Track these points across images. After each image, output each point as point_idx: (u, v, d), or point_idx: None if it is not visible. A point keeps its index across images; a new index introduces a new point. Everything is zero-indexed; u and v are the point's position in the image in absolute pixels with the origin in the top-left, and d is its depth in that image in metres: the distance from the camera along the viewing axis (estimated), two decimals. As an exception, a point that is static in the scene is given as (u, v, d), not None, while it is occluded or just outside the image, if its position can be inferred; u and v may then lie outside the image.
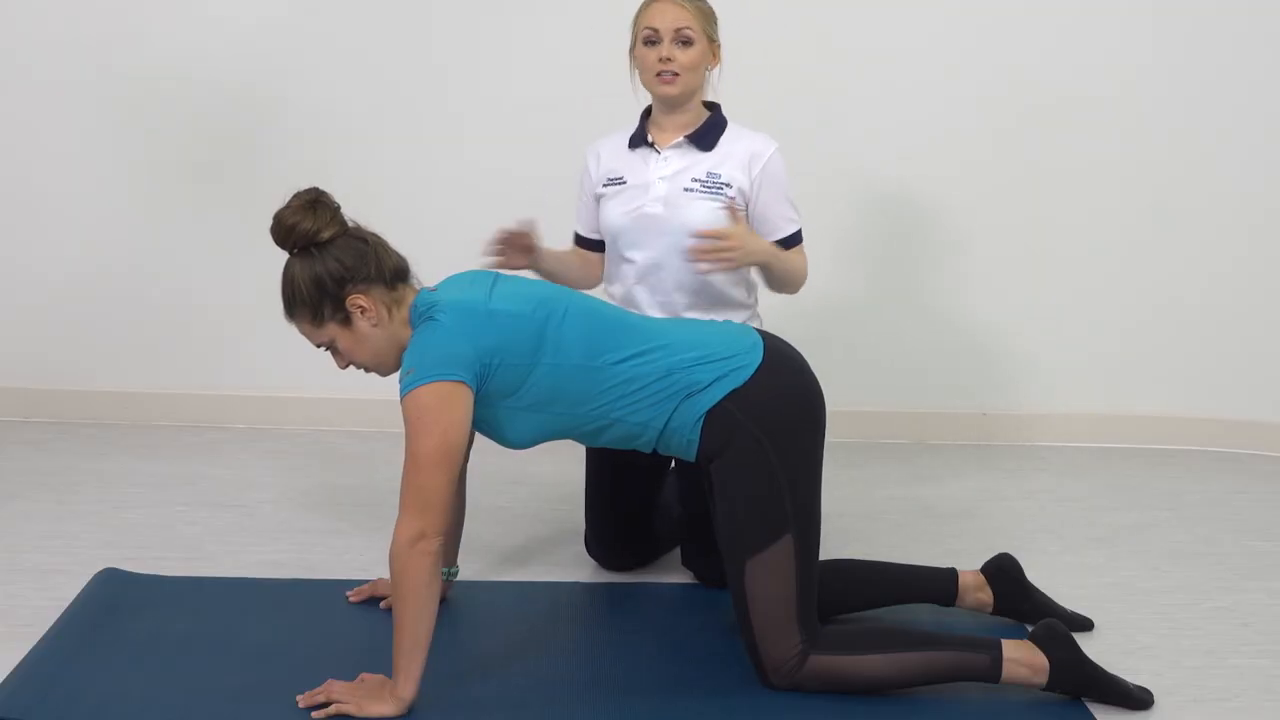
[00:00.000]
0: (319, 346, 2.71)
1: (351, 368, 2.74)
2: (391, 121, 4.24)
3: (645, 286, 3.15)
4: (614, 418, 2.69)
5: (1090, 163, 4.26)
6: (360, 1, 4.19)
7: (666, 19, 3.06)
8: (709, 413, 2.67)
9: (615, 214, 3.16)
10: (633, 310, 3.11)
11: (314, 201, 2.63)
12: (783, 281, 3.15)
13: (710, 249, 2.91)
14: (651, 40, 3.07)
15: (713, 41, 3.12)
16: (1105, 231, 4.31)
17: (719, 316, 3.11)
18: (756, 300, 3.25)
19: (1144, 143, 4.24)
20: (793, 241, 3.17)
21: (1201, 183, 4.27)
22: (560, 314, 2.67)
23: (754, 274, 3.20)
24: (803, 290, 3.22)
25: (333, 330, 2.65)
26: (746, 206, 3.13)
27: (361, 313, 2.63)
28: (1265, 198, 4.27)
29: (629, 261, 3.16)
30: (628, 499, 3.23)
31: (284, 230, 2.62)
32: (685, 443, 2.71)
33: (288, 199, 2.65)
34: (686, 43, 3.06)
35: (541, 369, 2.64)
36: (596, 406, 2.68)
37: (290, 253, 2.65)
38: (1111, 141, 4.24)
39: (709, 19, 3.11)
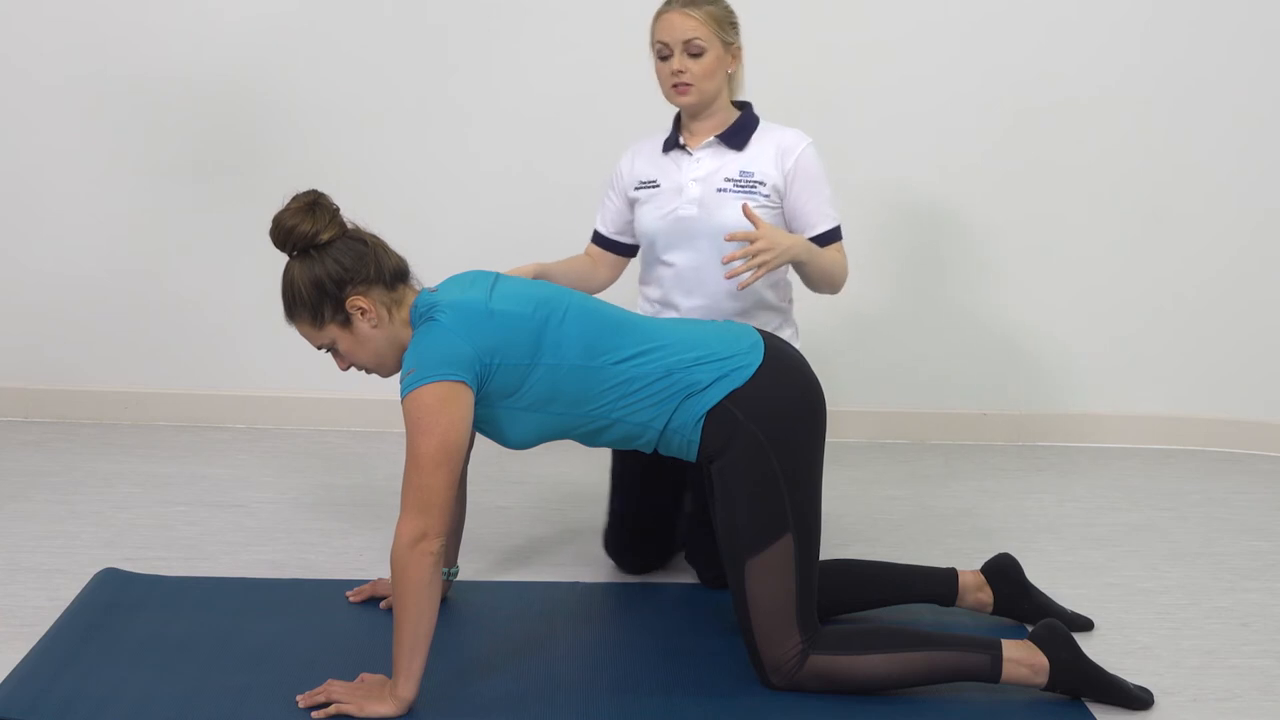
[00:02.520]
0: (320, 348, 2.71)
1: (352, 369, 2.74)
2: (392, 122, 4.24)
3: (683, 290, 3.11)
4: (614, 418, 2.69)
5: (1090, 161, 4.26)
6: (361, 2, 4.19)
7: (675, 32, 3.04)
8: (709, 413, 2.67)
9: (650, 218, 3.13)
10: (672, 314, 3.10)
11: (313, 203, 2.63)
12: (820, 280, 3.07)
13: (742, 254, 2.82)
14: (664, 54, 3.06)
15: (729, 44, 3.08)
16: (1105, 231, 4.31)
17: (755, 319, 3.07)
18: (791, 303, 3.22)
19: (1144, 142, 4.24)
20: (830, 238, 3.10)
21: (1201, 182, 4.27)
22: (560, 314, 2.67)
23: (790, 274, 3.16)
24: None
25: (333, 332, 2.65)
26: (780, 203, 3.10)
27: (361, 314, 2.63)
28: (1264, 197, 4.27)
29: (667, 265, 3.13)
30: (655, 500, 3.20)
31: (283, 232, 2.62)
32: (685, 443, 2.71)
33: (286, 201, 2.65)
34: (697, 54, 3.03)
35: (541, 369, 2.64)
36: (597, 407, 2.68)
37: (290, 255, 2.65)
38: (1110, 140, 4.24)
39: (720, 24, 3.06)
